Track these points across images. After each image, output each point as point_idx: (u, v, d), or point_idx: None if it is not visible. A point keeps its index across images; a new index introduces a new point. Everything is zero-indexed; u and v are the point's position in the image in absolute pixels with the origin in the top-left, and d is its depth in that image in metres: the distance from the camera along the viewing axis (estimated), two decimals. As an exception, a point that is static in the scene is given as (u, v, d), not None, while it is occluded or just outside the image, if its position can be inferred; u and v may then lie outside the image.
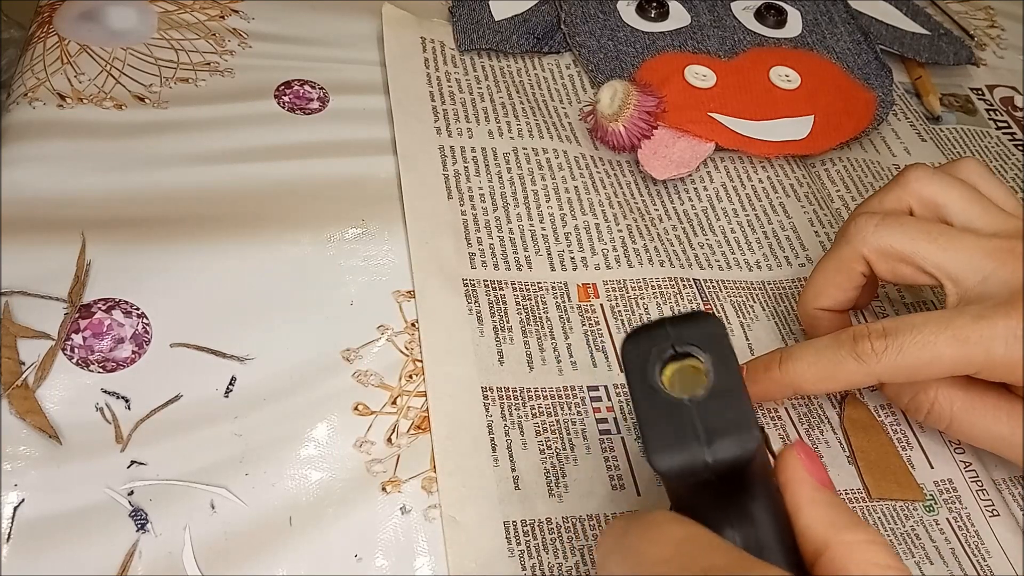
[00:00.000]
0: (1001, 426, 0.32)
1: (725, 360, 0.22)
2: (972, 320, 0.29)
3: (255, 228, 0.37)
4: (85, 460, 0.30)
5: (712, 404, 0.22)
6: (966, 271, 0.31)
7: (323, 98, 0.44)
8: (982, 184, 0.34)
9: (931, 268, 0.32)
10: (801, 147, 0.45)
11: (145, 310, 0.34)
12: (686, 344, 0.22)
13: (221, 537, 0.29)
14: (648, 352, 0.23)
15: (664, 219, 0.42)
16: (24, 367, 0.32)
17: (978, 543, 0.33)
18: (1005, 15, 0.61)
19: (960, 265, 0.31)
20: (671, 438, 0.22)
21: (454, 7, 0.49)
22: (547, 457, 0.33)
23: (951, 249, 0.32)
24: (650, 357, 0.22)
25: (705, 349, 0.22)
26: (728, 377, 0.22)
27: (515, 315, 0.37)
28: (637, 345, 0.23)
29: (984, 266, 0.31)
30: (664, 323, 0.23)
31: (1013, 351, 0.29)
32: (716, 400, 0.22)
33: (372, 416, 0.33)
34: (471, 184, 0.41)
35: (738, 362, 0.22)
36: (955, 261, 0.32)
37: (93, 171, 0.38)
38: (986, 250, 0.31)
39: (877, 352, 0.30)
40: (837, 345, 0.31)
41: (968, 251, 0.32)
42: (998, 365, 0.29)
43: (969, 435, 0.33)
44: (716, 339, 0.22)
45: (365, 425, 0.33)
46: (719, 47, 0.49)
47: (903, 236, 0.32)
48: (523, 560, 0.30)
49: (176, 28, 0.45)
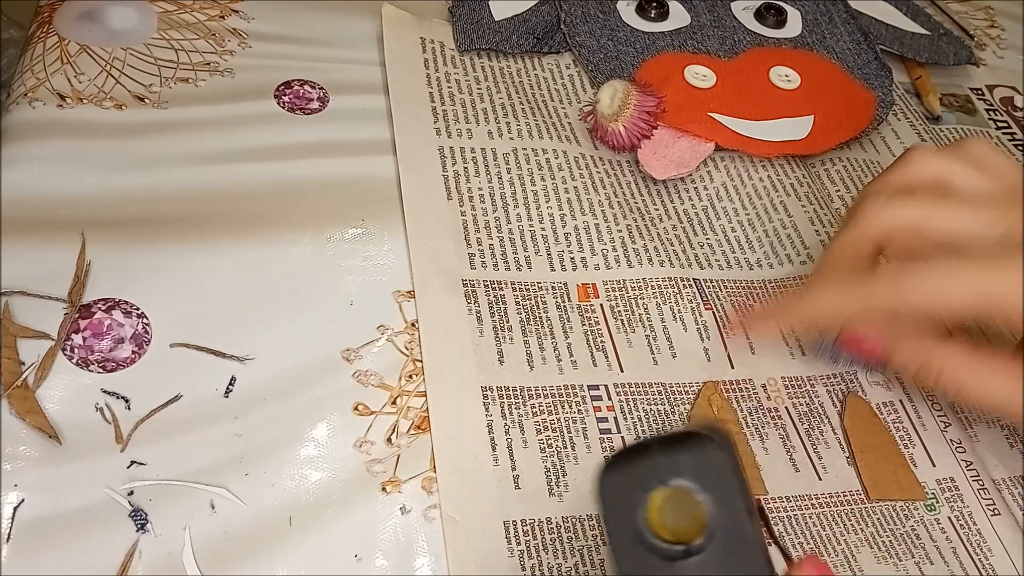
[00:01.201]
0: (1010, 385, 0.31)
1: (729, 497, 0.18)
2: (991, 259, 0.29)
3: (255, 228, 0.37)
4: (85, 460, 0.30)
5: (713, 556, 0.18)
6: (979, 235, 0.31)
7: (323, 98, 0.44)
8: (987, 162, 0.34)
9: (946, 236, 0.32)
10: (801, 147, 0.45)
11: (145, 310, 0.34)
12: (680, 476, 0.18)
13: (221, 537, 0.29)
14: (632, 490, 0.18)
15: (664, 219, 0.42)
16: (24, 367, 0.32)
17: (980, 541, 0.33)
18: (1005, 15, 0.61)
19: (973, 229, 0.31)
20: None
21: (454, 7, 0.49)
22: (547, 456, 0.33)
23: (963, 215, 0.31)
24: (634, 496, 0.18)
25: (705, 484, 0.18)
26: (734, 520, 0.18)
27: (515, 315, 0.36)
28: (617, 479, 0.18)
29: (996, 228, 0.31)
30: (651, 448, 0.18)
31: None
32: (719, 550, 0.18)
33: (372, 416, 0.33)
34: (471, 184, 0.41)
35: (749, 493, 0.18)
36: (968, 226, 0.31)
37: (93, 171, 0.38)
38: (995, 214, 0.31)
39: (899, 273, 0.30)
40: (856, 276, 0.31)
41: (980, 213, 0.31)
42: (1011, 306, 0.29)
43: (981, 397, 0.32)
44: (718, 469, 0.18)
45: (365, 425, 0.33)
46: (719, 47, 0.49)
47: (914, 209, 0.32)
48: (523, 560, 0.30)
49: (176, 28, 0.45)
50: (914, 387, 0.37)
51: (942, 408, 0.37)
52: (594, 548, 0.30)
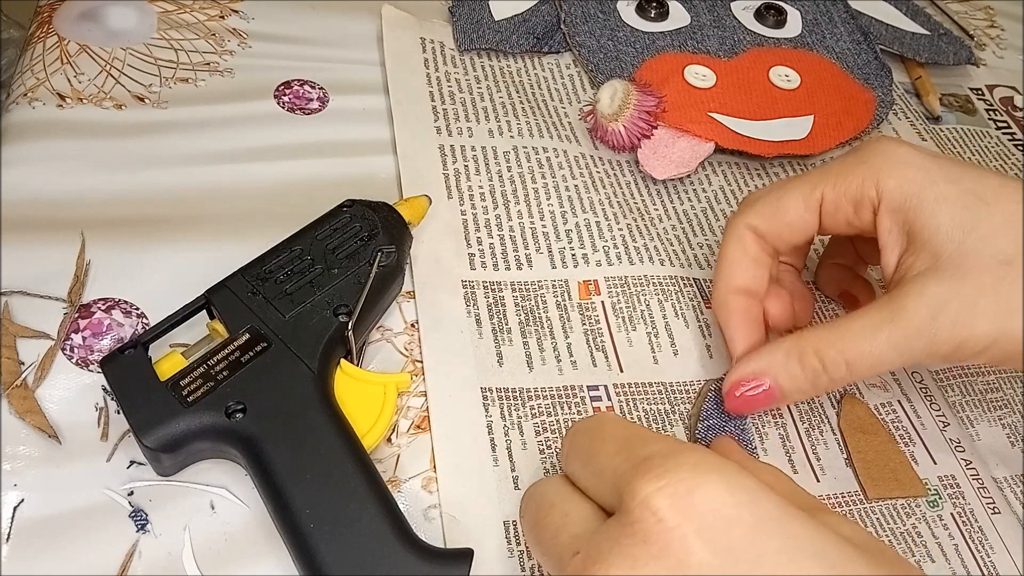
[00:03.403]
0: (878, 334, 0.30)
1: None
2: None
3: (255, 228, 0.37)
4: (85, 460, 0.30)
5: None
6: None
7: (323, 98, 0.44)
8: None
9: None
10: (801, 147, 0.45)
11: (144, 310, 0.34)
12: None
13: (221, 537, 0.29)
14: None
15: (664, 219, 0.42)
16: (24, 367, 0.32)
17: (982, 539, 0.33)
18: (1005, 15, 0.61)
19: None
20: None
21: (454, 7, 0.49)
22: (547, 457, 0.33)
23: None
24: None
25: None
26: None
27: (514, 316, 0.36)
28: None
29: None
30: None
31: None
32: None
33: (372, 416, 0.33)
34: (471, 183, 0.41)
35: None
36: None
37: (93, 171, 0.38)
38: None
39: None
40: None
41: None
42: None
43: (866, 358, 0.31)
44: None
45: (365, 425, 0.33)
46: (719, 47, 0.49)
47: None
48: (523, 560, 0.30)
49: (176, 28, 0.45)
50: (911, 387, 0.37)
51: (940, 408, 0.37)
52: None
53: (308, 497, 0.28)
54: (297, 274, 0.33)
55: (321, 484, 0.28)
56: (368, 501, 0.28)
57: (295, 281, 0.32)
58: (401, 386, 0.33)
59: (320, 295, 0.32)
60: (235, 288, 0.32)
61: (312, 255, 0.33)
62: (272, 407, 0.29)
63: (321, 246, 0.34)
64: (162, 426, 0.28)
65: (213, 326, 0.32)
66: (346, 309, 0.32)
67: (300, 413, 0.29)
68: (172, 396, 0.29)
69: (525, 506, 0.26)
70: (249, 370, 0.30)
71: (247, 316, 0.31)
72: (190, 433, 0.29)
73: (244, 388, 0.29)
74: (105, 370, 0.30)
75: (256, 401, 0.29)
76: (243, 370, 0.30)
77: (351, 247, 0.34)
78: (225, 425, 0.29)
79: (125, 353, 0.30)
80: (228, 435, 0.29)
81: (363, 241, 0.34)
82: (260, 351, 0.30)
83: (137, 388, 0.29)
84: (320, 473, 0.28)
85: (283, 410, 0.29)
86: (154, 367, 0.30)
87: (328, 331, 0.31)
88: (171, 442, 0.28)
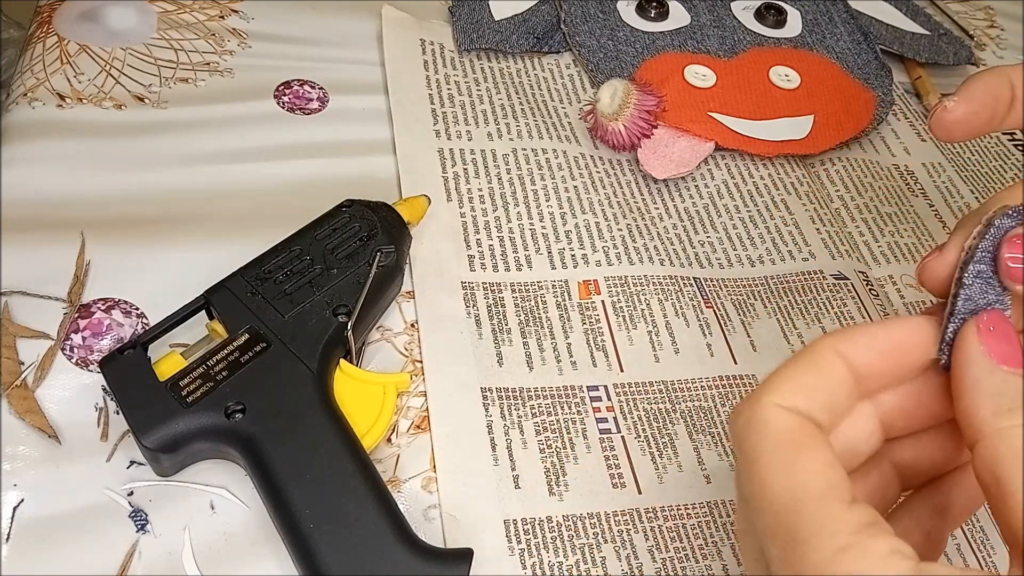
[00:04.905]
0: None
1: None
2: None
3: (255, 228, 0.37)
4: (85, 460, 0.30)
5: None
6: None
7: (323, 98, 0.44)
8: None
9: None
10: (801, 147, 0.45)
11: (144, 310, 0.34)
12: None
13: (221, 537, 0.29)
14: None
15: (664, 218, 0.42)
16: (23, 367, 0.32)
17: (983, 539, 0.33)
18: (1005, 15, 0.61)
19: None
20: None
21: (454, 7, 0.49)
22: (547, 456, 0.33)
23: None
24: None
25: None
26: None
27: (514, 317, 0.36)
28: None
29: None
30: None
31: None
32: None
33: (372, 416, 0.33)
34: (470, 186, 0.41)
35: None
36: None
37: (93, 171, 0.38)
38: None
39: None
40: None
41: None
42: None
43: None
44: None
45: (365, 425, 0.33)
46: (719, 47, 0.49)
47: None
48: (523, 559, 0.30)
49: (176, 28, 0.45)
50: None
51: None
52: (595, 546, 0.30)
53: (308, 497, 0.28)
54: (296, 274, 0.33)
55: (321, 484, 0.28)
56: (368, 501, 0.28)
57: (294, 281, 0.32)
58: (401, 386, 0.33)
59: (319, 295, 0.32)
60: (234, 288, 0.32)
61: (311, 255, 0.33)
62: (271, 407, 0.29)
63: (320, 246, 0.34)
64: (162, 426, 0.28)
65: (212, 326, 0.32)
66: (345, 309, 0.32)
67: (300, 413, 0.29)
68: (171, 396, 0.29)
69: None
70: (248, 370, 0.30)
71: (246, 316, 0.31)
72: (190, 433, 0.29)
73: (243, 388, 0.29)
74: (105, 370, 0.30)
75: (255, 401, 0.29)
76: (242, 370, 0.30)
77: (350, 247, 0.34)
78: (225, 425, 0.29)
79: (125, 353, 0.30)
80: (228, 435, 0.29)
81: (362, 241, 0.34)
82: (259, 351, 0.30)
83: (137, 388, 0.29)
84: (320, 473, 0.28)
85: (283, 410, 0.29)
86: (154, 367, 0.30)
87: (327, 331, 0.31)
88: (171, 442, 0.28)
